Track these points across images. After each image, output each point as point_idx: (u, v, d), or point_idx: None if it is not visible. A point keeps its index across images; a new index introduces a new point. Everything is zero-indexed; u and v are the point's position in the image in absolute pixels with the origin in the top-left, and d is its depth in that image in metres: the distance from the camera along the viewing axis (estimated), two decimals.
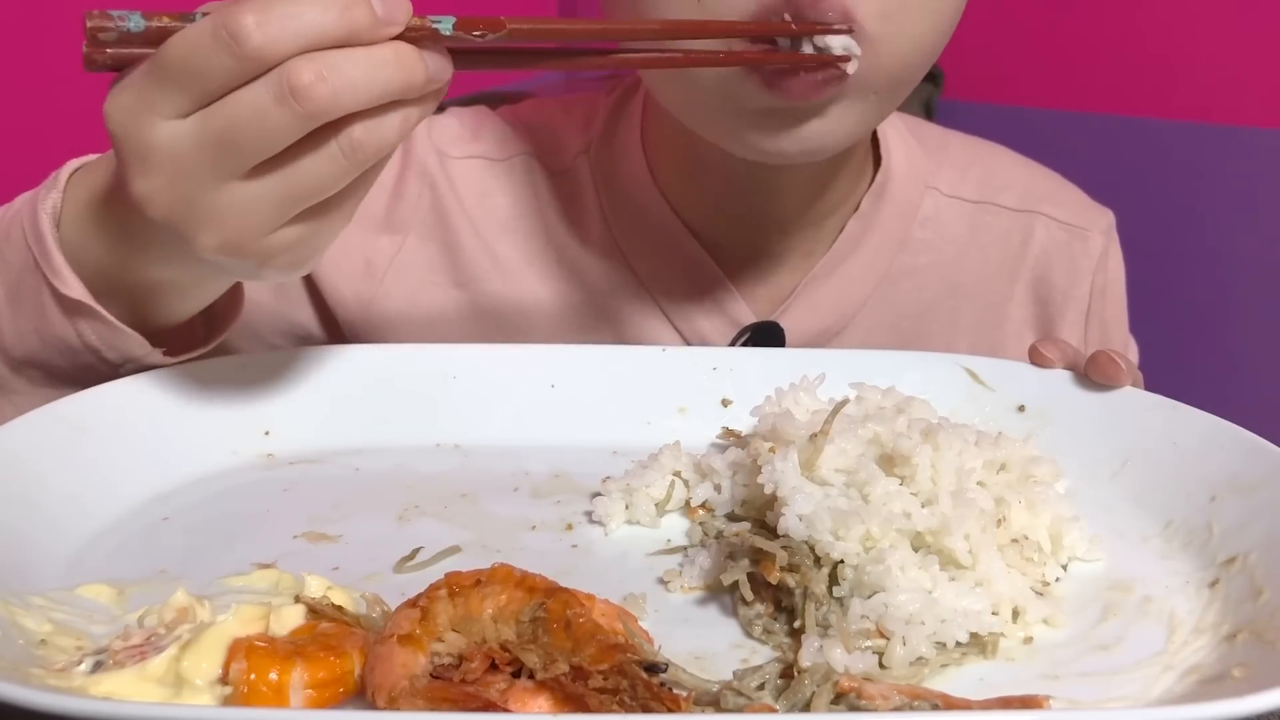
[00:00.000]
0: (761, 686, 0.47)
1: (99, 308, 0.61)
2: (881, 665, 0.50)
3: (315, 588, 0.50)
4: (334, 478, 0.65)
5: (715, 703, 0.46)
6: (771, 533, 0.55)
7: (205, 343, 0.69)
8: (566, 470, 0.66)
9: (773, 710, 0.46)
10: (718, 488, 0.62)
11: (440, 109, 0.69)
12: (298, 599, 0.49)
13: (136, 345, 0.64)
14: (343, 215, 0.56)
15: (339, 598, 0.50)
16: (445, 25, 0.53)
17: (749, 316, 0.83)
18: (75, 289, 0.61)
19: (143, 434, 0.63)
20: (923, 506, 0.55)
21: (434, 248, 0.85)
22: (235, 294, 0.69)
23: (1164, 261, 0.96)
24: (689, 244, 0.82)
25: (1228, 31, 1.15)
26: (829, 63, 0.64)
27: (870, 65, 0.65)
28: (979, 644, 0.51)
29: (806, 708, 0.46)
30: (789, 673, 0.48)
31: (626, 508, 0.62)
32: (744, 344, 0.82)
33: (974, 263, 0.88)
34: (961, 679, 0.49)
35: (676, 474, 0.63)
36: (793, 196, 0.80)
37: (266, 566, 0.55)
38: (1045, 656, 0.51)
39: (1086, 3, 1.20)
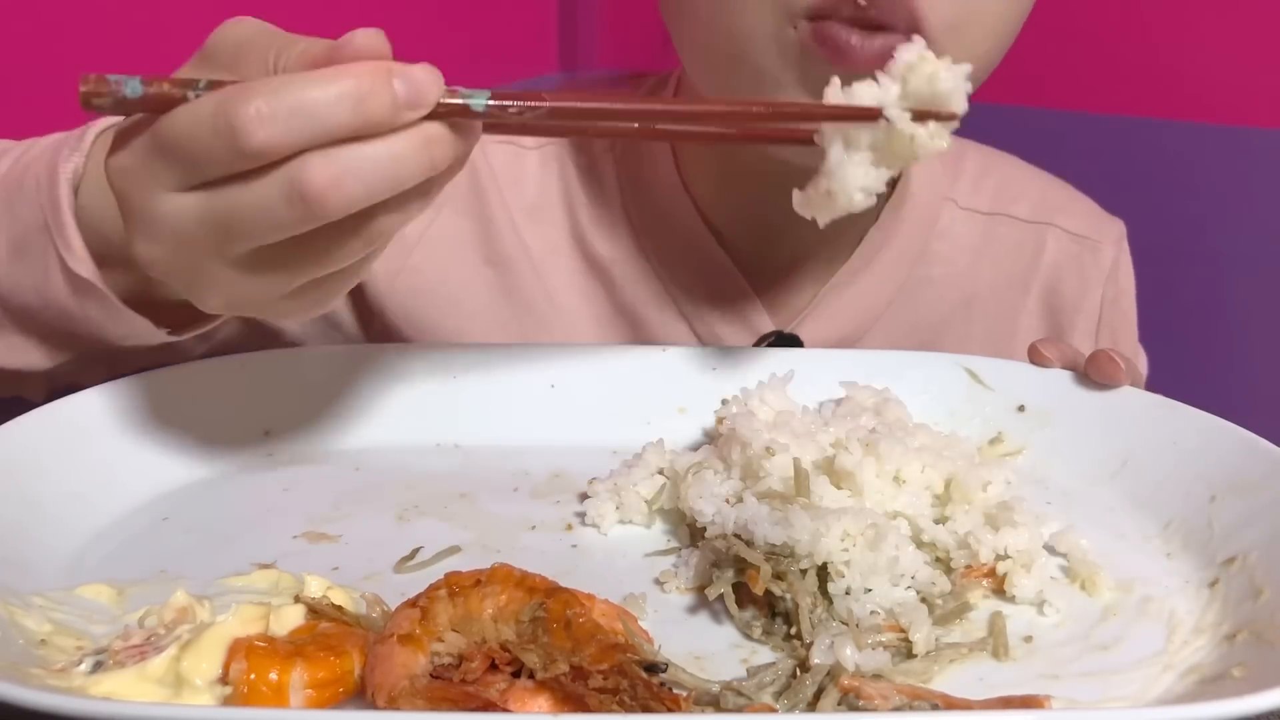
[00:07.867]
0: (764, 686, 0.47)
1: (108, 291, 0.58)
2: (911, 654, 0.50)
3: (315, 588, 0.50)
4: (334, 478, 0.65)
5: (715, 703, 0.46)
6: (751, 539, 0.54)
7: (212, 318, 0.65)
8: (566, 470, 0.66)
9: (772, 710, 0.46)
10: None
11: None
12: (298, 599, 0.49)
13: (140, 327, 0.61)
14: (356, 275, 0.52)
15: (339, 598, 0.50)
16: (478, 102, 0.48)
17: (768, 324, 0.83)
18: (85, 267, 0.58)
19: (143, 434, 0.63)
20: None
21: (468, 222, 0.83)
22: None
23: (1163, 261, 0.96)
24: (713, 248, 0.81)
25: (1228, 31, 1.15)
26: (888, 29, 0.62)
27: None
28: (990, 643, 0.51)
29: (808, 707, 0.46)
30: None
31: (617, 508, 0.61)
32: None
33: (987, 274, 0.88)
34: (961, 679, 0.49)
35: (660, 471, 0.63)
36: None
37: (266, 566, 0.55)
38: (1045, 656, 0.51)
39: (1087, 3, 1.20)
